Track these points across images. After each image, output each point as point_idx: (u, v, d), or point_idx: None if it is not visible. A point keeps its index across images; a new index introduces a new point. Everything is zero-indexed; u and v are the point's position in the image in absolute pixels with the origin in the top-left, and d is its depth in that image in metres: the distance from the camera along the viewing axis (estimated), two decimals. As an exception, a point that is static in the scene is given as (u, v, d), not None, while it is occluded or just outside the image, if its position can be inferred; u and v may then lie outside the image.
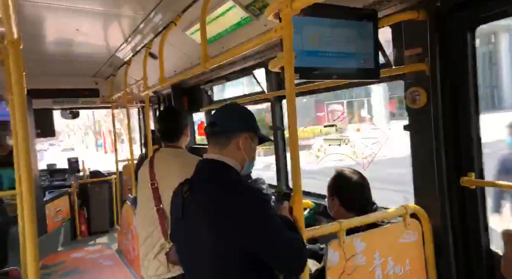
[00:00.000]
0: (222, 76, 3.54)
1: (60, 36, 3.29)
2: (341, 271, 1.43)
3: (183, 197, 1.29)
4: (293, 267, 1.23)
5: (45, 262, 4.44)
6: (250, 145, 1.35)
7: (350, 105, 20.55)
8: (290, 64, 1.21)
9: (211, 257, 1.20)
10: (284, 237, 1.17)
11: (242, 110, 1.41)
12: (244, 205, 1.16)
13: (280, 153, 3.02)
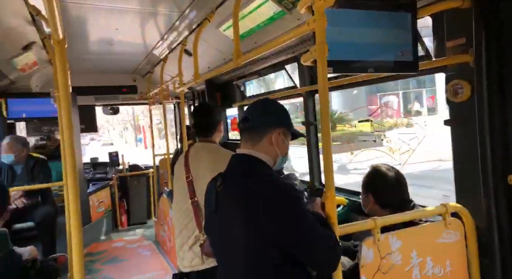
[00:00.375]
0: (255, 71, 3.55)
1: (101, 35, 3.44)
2: (375, 269, 1.40)
3: (216, 190, 1.30)
4: (326, 264, 1.21)
5: (89, 250, 4.71)
6: (283, 141, 1.34)
7: (406, 97, 19.03)
8: (323, 58, 1.19)
9: (243, 251, 1.22)
10: (317, 233, 1.16)
11: (275, 106, 1.40)
12: (277, 201, 1.16)
13: (312, 149, 2.99)
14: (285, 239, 1.16)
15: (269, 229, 1.15)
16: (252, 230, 1.18)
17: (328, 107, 1.22)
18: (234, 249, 1.25)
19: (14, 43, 3.08)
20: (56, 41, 1.28)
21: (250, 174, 1.27)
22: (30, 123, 4.95)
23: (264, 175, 1.26)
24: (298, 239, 1.15)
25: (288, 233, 1.15)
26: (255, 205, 1.18)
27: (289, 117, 1.39)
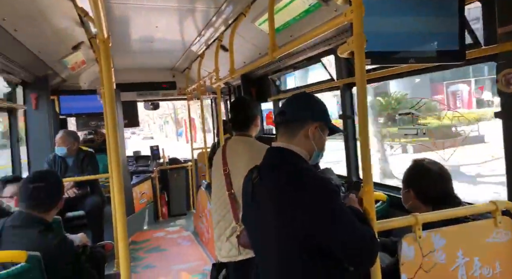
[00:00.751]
0: (290, 65, 3.52)
1: (143, 33, 3.58)
2: (417, 267, 1.36)
3: (252, 182, 1.32)
4: (362, 260, 1.19)
5: (133, 238, 4.96)
6: (320, 135, 1.33)
7: (479, 84, 16.44)
8: (361, 49, 1.16)
9: (277, 243, 1.23)
10: (353, 228, 1.14)
11: (313, 100, 1.39)
12: (311, 194, 1.16)
13: (350, 143, 2.92)
14: (320, 233, 1.15)
15: (303, 223, 1.15)
16: (285, 222, 1.19)
17: (366, 100, 1.19)
18: (269, 241, 1.26)
19: (65, 44, 3.30)
20: (102, 40, 1.35)
21: (285, 167, 1.27)
22: (79, 118, 5.28)
23: (299, 168, 1.25)
24: (332, 233, 1.15)
25: (322, 227, 1.15)
26: (289, 197, 1.18)
27: (326, 111, 1.37)
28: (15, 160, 3.55)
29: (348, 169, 2.97)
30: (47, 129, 3.88)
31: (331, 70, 3.06)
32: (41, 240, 1.81)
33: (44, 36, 2.85)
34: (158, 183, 5.86)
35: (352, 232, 1.14)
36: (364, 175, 1.22)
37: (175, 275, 3.77)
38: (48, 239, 1.82)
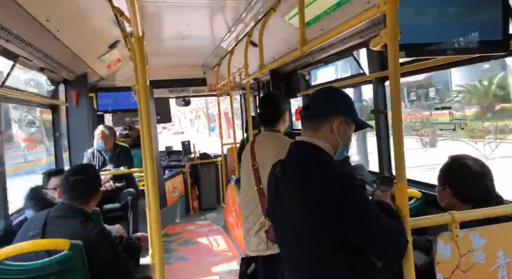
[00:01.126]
0: (320, 59, 3.47)
1: (175, 31, 3.67)
2: (454, 267, 1.31)
3: (276, 177, 1.33)
4: (389, 255, 1.18)
5: (166, 231, 5.13)
6: (345, 130, 1.31)
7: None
8: (394, 41, 1.12)
9: (300, 238, 1.23)
10: (378, 223, 1.13)
11: (339, 94, 1.37)
12: (333, 189, 1.15)
13: (382, 139, 2.85)
14: (343, 228, 1.14)
15: (325, 217, 1.15)
16: (308, 217, 1.19)
17: (400, 94, 1.15)
18: (292, 235, 1.27)
19: (102, 43, 3.44)
20: (136, 38, 1.40)
21: (308, 161, 1.26)
22: (115, 114, 5.50)
23: (322, 162, 1.24)
24: (356, 228, 1.14)
25: (345, 221, 1.14)
26: (311, 192, 1.18)
27: (352, 106, 1.35)
28: (58, 154, 3.77)
29: (380, 166, 2.90)
30: (86, 125, 4.08)
31: (363, 64, 2.99)
32: (82, 230, 1.91)
33: (83, 36, 2.99)
34: (189, 177, 6.00)
35: (376, 226, 1.13)
36: (397, 172, 1.18)
37: (206, 268, 3.86)
38: (88, 229, 1.93)
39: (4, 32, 2.07)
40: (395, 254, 1.17)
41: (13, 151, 11.45)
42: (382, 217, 1.14)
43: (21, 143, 13.00)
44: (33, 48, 2.53)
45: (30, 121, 10.09)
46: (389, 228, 1.14)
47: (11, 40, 2.21)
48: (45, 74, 3.39)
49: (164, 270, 1.49)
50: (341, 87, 3.69)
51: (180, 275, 3.69)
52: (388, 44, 1.14)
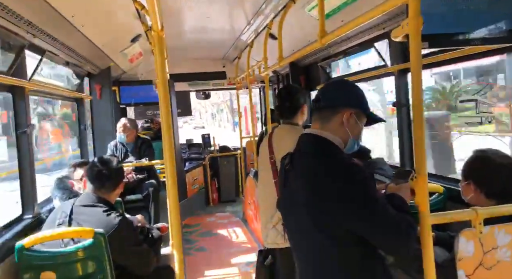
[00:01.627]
0: (341, 51, 3.41)
1: (195, 24, 3.69)
2: (476, 264, 1.28)
3: (284, 169, 1.33)
4: (396, 249, 1.17)
5: (186, 222, 5.23)
6: (355, 123, 1.28)
7: None
8: (417, 32, 1.09)
9: (308, 230, 1.23)
10: (384, 216, 1.11)
11: (350, 86, 1.35)
12: (339, 182, 1.14)
13: (404, 132, 2.78)
14: (349, 221, 1.14)
15: (331, 210, 1.15)
16: (314, 209, 1.18)
17: (421, 86, 1.12)
18: (300, 227, 1.27)
19: (124, 37, 3.51)
20: (156, 32, 1.42)
21: (314, 153, 1.26)
22: (137, 107, 5.62)
23: (328, 155, 1.23)
24: (361, 221, 1.13)
25: (350, 214, 1.13)
26: (317, 185, 1.18)
27: (364, 98, 1.32)
28: (83, 146, 3.90)
29: (401, 159, 2.84)
30: (110, 118, 4.19)
31: (385, 56, 2.91)
32: (105, 219, 1.99)
33: (106, 31, 3.06)
34: (209, 170, 6.08)
35: (381, 220, 1.11)
36: (418, 165, 1.16)
37: (225, 259, 3.92)
38: (112, 218, 1.99)
39: (32, 27, 2.15)
40: (401, 248, 1.15)
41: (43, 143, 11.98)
42: (388, 210, 1.13)
43: (49, 136, 13.49)
44: (59, 42, 2.61)
45: (44, 114, 10.49)
46: (395, 221, 1.12)
47: (38, 35, 2.29)
48: (70, 68, 3.50)
49: (183, 260, 1.53)
50: (362, 80, 3.62)
51: (200, 266, 3.77)
52: (410, 34, 1.10)
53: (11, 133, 2.46)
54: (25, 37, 2.20)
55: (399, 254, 1.22)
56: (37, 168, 2.57)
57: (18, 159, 2.37)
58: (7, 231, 2.09)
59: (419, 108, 1.13)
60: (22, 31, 2.11)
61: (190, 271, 3.58)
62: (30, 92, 2.43)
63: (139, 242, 2.17)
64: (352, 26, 1.63)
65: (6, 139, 10.43)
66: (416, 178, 1.17)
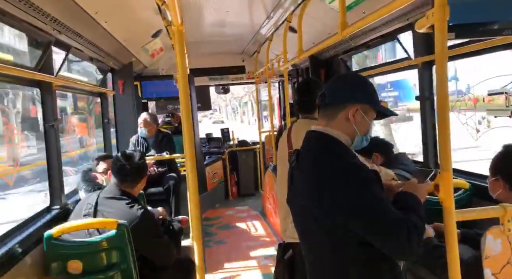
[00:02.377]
0: (362, 44, 3.34)
1: (214, 19, 3.70)
2: (504, 263, 1.24)
3: (291, 166, 1.32)
4: (396, 252, 1.11)
5: (206, 215, 5.31)
6: (363, 118, 1.24)
7: None
8: (443, 22, 1.04)
9: (313, 228, 1.22)
10: (386, 219, 1.07)
11: (356, 80, 1.31)
12: (340, 180, 1.12)
13: (428, 126, 2.70)
14: (348, 221, 1.12)
15: (331, 209, 1.13)
16: (315, 207, 1.17)
17: (446, 78, 1.08)
18: (306, 225, 1.26)
19: (146, 32, 3.57)
20: (176, 27, 1.43)
21: (319, 151, 1.23)
22: (158, 102, 5.71)
23: (330, 153, 1.20)
24: (360, 222, 1.10)
25: (349, 215, 1.11)
26: (318, 183, 1.16)
27: (372, 92, 1.27)
28: (106, 139, 4.00)
29: (424, 155, 2.77)
30: (132, 112, 4.28)
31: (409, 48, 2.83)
32: (127, 211, 2.04)
33: (128, 26, 3.11)
34: (228, 164, 6.13)
35: (382, 221, 1.07)
36: (442, 160, 1.12)
37: (244, 252, 3.96)
38: (134, 210, 2.05)
39: (58, 24, 2.21)
40: (402, 250, 1.09)
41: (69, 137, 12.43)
42: (390, 212, 1.09)
43: (75, 130, 13.93)
44: (83, 38, 2.68)
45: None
46: (397, 223, 1.07)
47: (64, 31, 2.35)
48: (94, 64, 3.59)
49: (203, 252, 1.55)
50: (385, 73, 3.54)
51: (220, 258, 3.82)
52: (436, 25, 1.07)
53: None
54: (51, 33, 2.27)
55: (400, 257, 1.19)
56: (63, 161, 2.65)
57: (46, 152, 2.47)
58: (36, 221, 2.18)
59: (444, 101, 1.10)
60: (48, 28, 2.17)
61: (210, 263, 3.64)
62: (56, 87, 2.50)
63: (160, 234, 2.22)
64: (374, 18, 1.60)
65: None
66: (439, 174, 1.14)
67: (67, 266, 1.89)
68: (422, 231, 1.11)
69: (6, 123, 9.60)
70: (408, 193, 1.20)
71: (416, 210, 1.14)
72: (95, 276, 1.89)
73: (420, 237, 1.10)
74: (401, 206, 1.15)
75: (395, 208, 1.12)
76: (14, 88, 11.24)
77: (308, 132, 1.32)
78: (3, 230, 1.93)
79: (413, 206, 1.15)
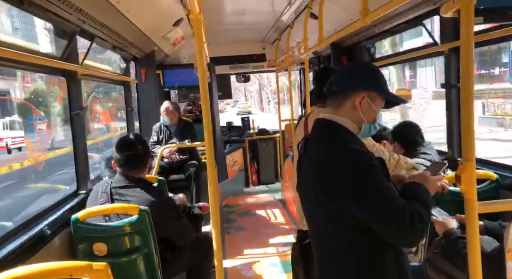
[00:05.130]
0: (386, 30, 3.23)
1: (235, 6, 3.67)
2: (527, 256, 1.20)
3: (299, 154, 1.33)
4: (399, 240, 1.13)
5: (227, 202, 5.39)
6: (370, 106, 1.23)
7: None
8: (469, 6, 1.00)
9: (319, 215, 1.23)
10: (388, 207, 1.08)
11: (363, 68, 1.30)
12: (344, 168, 1.12)
13: (453, 115, 2.61)
14: (352, 208, 1.12)
15: (335, 196, 1.14)
16: (322, 196, 1.17)
17: (472, 65, 1.03)
18: (312, 212, 1.27)
19: (167, 21, 3.59)
20: (194, 16, 1.44)
21: (324, 139, 1.24)
22: (180, 90, 5.78)
23: (336, 140, 1.21)
24: (364, 210, 1.10)
25: (353, 202, 1.11)
26: (324, 171, 1.17)
27: (380, 80, 1.26)
28: (130, 127, 4.11)
29: (449, 145, 2.68)
30: (154, 100, 4.36)
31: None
32: (144, 196, 2.10)
33: (150, 15, 3.14)
34: (248, 152, 6.16)
35: (384, 209, 1.08)
36: (465, 150, 1.08)
37: (264, 239, 4.01)
38: (150, 195, 2.11)
39: (82, 14, 2.27)
40: (404, 239, 1.11)
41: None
42: (394, 200, 1.09)
43: (100, 117, 14.40)
44: (107, 28, 2.73)
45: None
46: (400, 212, 1.07)
47: (88, 21, 2.41)
48: (117, 53, 3.66)
49: (223, 238, 1.58)
50: (409, 60, 3.42)
51: (239, 244, 3.89)
52: (462, 9, 1.02)
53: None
54: (76, 23, 2.33)
55: (401, 244, 1.18)
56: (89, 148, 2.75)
57: (72, 139, 2.56)
58: (65, 204, 2.29)
59: (468, 89, 1.05)
60: (73, 17, 2.23)
61: (230, 249, 3.72)
62: (81, 76, 2.58)
63: (179, 216, 2.28)
64: (397, 3, 1.54)
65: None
66: (461, 164, 1.10)
67: (93, 248, 1.98)
68: (426, 221, 1.11)
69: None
70: (416, 183, 1.20)
71: (422, 200, 1.14)
72: (119, 259, 1.96)
73: (424, 226, 1.10)
74: (408, 195, 1.15)
75: (402, 197, 1.12)
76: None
77: (316, 119, 1.33)
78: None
79: (419, 196, 1.15)
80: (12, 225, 4.06)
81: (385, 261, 1.18)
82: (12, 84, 16.65)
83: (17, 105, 16.24)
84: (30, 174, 10.31)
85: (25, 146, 13.04)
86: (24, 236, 1.75)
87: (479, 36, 2.04)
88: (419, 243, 1.12)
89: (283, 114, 5.84)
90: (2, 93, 15.66)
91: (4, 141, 12.80)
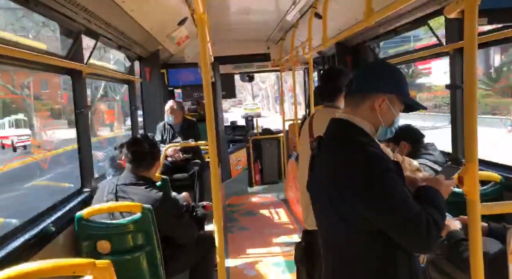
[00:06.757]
0: (391, 30, 3.21)
1: (239, 5, 3.67)
2: (530, 259, 1.19)
3: (313, 152, 1.33)
4: (414, 246, 1.12)
5: (230, 201, 5.40)
6: (389, 109, 1.21)
7: None
8: (473, 6, 0.99)
9: (331, 216, 1.22)
10: (403, 211, 1.07)
11: (386, 69, 1.27)
12: (359, 171, 1.11)
13: (457, 116, 2.59)
14: (366, 212, 1.11)
15: (349, 199, 1.13)
16: (335, 197, 1.17)
17: (475, 65, 1.03)
18: (324, 212, 1.27)
19: (172, 20, 3.60)
20: (198, 15, 1.44)
21: (341, 139, 1.22)
22: (184, 89, 5.79)
23: (351, 141, 1.19)
24: (377, 214, 1.10)
25: (367, 206, 1.10)
26: (338, 171, 1.16)
27: (400, 83, 1.24)
28: (134, 125, 4.13)
29: (453, 146, 2.66)
30: (158, 99, 4.37)
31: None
32: (147, 195, 2.12)
33: (154, 14, 3.16)
34: (252, 152, 6.17)
35: (399, 214, 1.07)
36: (467, 151, 1.08)
37: (267, 238, 4.02)
38: (153, 193, 2.12)
39: (87, 13, 2.28)
40: (419, 244, 1.10)
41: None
42: (409, 205, 1.08)
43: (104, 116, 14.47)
44: (112, 27, 2.74)
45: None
46: (416, 217, 1.07)
47: (93, 20, 2.42)
48: (122, 52, 3.68)
49: (226, 237, 1.59)
50: (414, 60, 3.40)
51: (242, 244, 3.89)
52: (465, 9, 1.01)
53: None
54: (81, 22, 2.34)
55: (417, 250, 1.18)
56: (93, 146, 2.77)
57: (77, 137, 2.58)
58: (69, 202, 2.31)
59: (472, 90, 1.05)
60: (78, 17, 2.25)
61: (233, 249, 3.72)
62: (86, 75, 2.60)
63: (181, 214, 2.30)
64: (401, 3, 1.53)
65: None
66: (464, 166, 1.09)
67: (97, 246, 1.99)
68: (441, 227, 1.11)
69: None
70: (431, 188, 1.18)
71: (438, 205, 1.13)
72: (122, 256, 1.98)
73: (439, 232, 1.10)
74: (423, 200, 1.13)
75: (417, 201, 1.11)
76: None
77: (332, 119, 1.32)
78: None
79: (435, 202, 1.14)
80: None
81: (398, 265, 1.17)
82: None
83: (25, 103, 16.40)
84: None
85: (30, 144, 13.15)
86: (29, 233, 1.77)
87: (483, 37, 2.03)
88: (434, 248, 1.12)
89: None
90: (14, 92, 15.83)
91: (9, 139, 12.93)
